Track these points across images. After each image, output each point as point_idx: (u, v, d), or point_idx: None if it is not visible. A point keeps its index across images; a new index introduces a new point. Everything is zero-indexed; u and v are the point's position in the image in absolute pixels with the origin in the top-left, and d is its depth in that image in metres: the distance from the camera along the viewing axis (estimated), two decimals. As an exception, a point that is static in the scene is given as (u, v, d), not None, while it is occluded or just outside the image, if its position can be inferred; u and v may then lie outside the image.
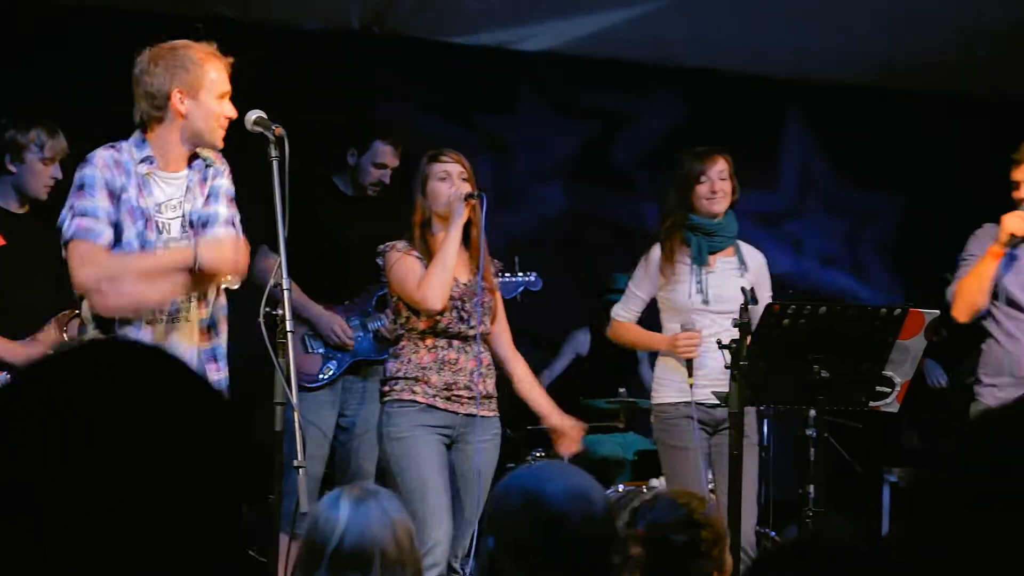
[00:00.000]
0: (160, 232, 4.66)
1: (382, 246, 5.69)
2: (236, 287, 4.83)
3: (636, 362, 8.29)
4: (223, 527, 1.48)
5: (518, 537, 2.87)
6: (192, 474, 1.46)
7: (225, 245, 4.68)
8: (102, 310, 4.58)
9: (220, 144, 4.76)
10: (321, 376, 6.36)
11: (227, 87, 4.73)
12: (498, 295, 5.87)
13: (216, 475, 1.48)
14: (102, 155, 4.63)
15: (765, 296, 6.04)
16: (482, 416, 5.63)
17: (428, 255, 5.58)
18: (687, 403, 5.93)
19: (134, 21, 6.63)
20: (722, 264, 6.10)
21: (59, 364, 1.49)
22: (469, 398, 5.60)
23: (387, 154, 6.54)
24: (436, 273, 5.48)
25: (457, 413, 5.58)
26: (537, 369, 8.47)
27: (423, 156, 5.76)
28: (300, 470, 4.36)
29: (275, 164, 4.68)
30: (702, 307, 5.98)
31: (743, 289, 5.64)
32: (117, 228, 4.60)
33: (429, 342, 5.60)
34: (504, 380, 5.88)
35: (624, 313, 6.18)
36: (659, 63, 8.79)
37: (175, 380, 1.52)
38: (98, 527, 1.39)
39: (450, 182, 5.63)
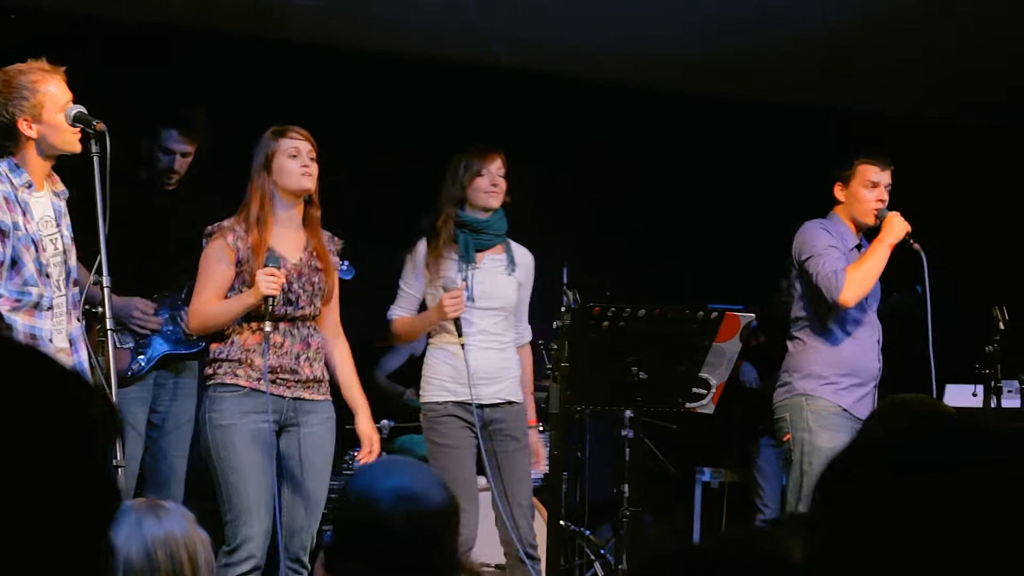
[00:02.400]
0: (44, 250, 4.78)
1: (209, 227, 5.57)
2: None
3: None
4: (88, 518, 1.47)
5: (347, 534, 2.89)
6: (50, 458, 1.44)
7: None
8: None
9: (78, 149, 4.85)
10: (130, 372, 6.23)
11: (68, 95, 4.79)
12: (335, 276, 5.77)
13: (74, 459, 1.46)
14: None
15: (525, 296, 6.09)
16: (310, 400, 5.53)
17: (261, 231, 5.47)
18: (455, 402, 5.88)
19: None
20: (490, 261, 6.04)
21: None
22: (296, 382, 5.48)
23: (174, 140, 6.37)
24: (215, 313, 5.49)
25: (284, 397, 5.45)
26: (370, 365, 8.51)
27: (266, 132, 5.63)
28: (119, 470, 4.32)
29: (96, 160, 4.63)
30: (467, 304, 5.91)
31: (565, 291, 5.70)
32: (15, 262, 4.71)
33: (254, 324, 5.46)
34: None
35: (400, 312, 6.07)
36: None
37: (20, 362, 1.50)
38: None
39: (301, 159, 5.52)
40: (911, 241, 6.14)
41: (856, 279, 6.00)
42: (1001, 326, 6.11)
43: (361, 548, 2.83)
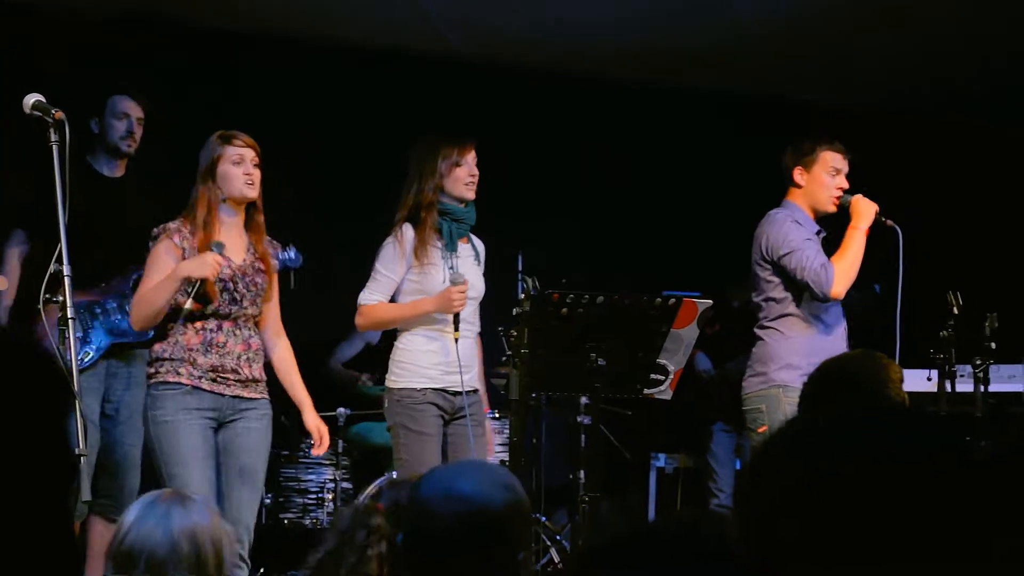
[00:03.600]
0: None
1: (156, 229, 5.62)
2: None
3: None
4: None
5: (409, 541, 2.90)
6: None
7: None
8: None
9: None
10: (79, 362, 6.21)
11: None
12: (274, 277, 5.83)
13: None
14: None
15: (481, 287, 6.07)
16: (249, 398, 5.62)
17: (205, 236, 5.53)
18: (434, 389, 5.88)
19: None
20: (463, 251, 6.06)
21: None
22: (236, 381, 5.59)
23: (126, 103, 6.44)
24: (151, 298, 5.51)
25: (223, 395, 5.56)
26: (326, 354, 8.50)
27: (213, 136, 5.69)
28: (81, 459, 4.30)
29: (55, 149, 4.61)
30: None
31: (524, 278, 5.72)
32: None
33: (198, 324, 5.56)
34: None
35: (374, 297, 5.99)
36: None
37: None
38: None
39: (244, 166, 5.61)
40: (883, 219, 6.15)
41: (843, 271, 6.00)
42: (955, 311, 6.13)
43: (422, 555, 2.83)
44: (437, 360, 5.89)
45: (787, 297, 6.13)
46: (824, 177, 6.20)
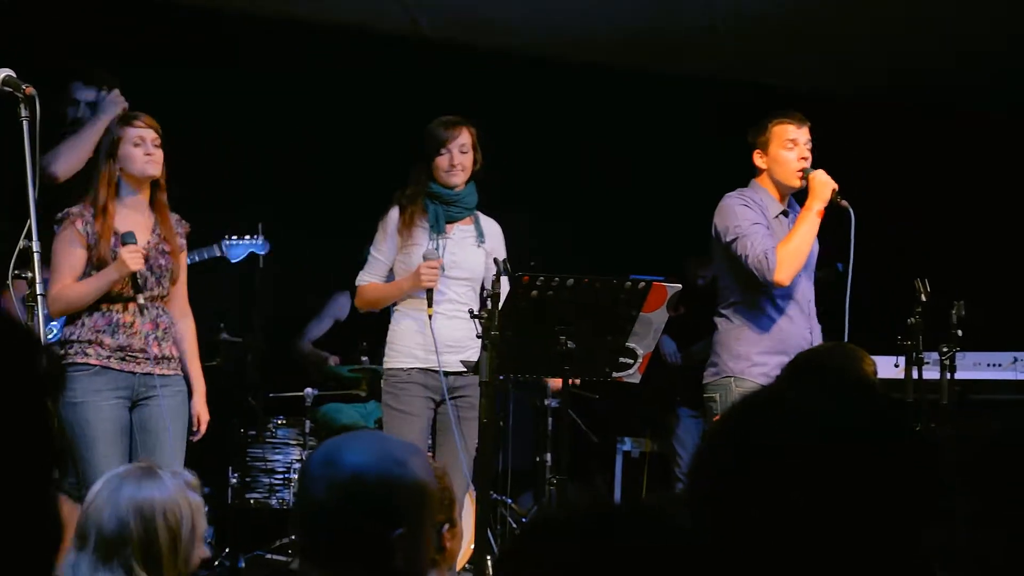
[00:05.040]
0: None
1: (59, 214, 5.64)
2: None
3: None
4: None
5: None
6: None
7: None
8: None
9: None
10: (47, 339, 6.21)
11: None
12: (182, 257, 5.85)
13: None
14: None
15: (474, 267, 6.09)
16: (161, 375, 5.64)
17: (106, 216, 5.58)
18: (419, 369, 5.96)
19: None
20: (460, 232, 6.14)
21: None
22: (146, 359, 5.61)
23: (79, 89, 6.46)
24: (80, 294, 5.54)
25: (134, 373, 5.59)
26: (296, 330, 8.49)
27: (113, 118, 5.79)
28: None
29: (25, 124, 4.59)
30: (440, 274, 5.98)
31: (496, 260, 5.73)
32: None
33: (104, 306, 5.59)
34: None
35: (368, 277, 6.15)
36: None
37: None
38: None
39: (145, 147, 5.64)
40: (839, 199, 6.04)
41: (787, 257, 5.91)
42: (923, 298, 6.14)
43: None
44: (420, 340, 5.97)
45: (738, 285, 6.08)
46: (781, 152, 6.10)
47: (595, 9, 8.25)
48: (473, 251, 6.12)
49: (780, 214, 6.14)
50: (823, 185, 6.02)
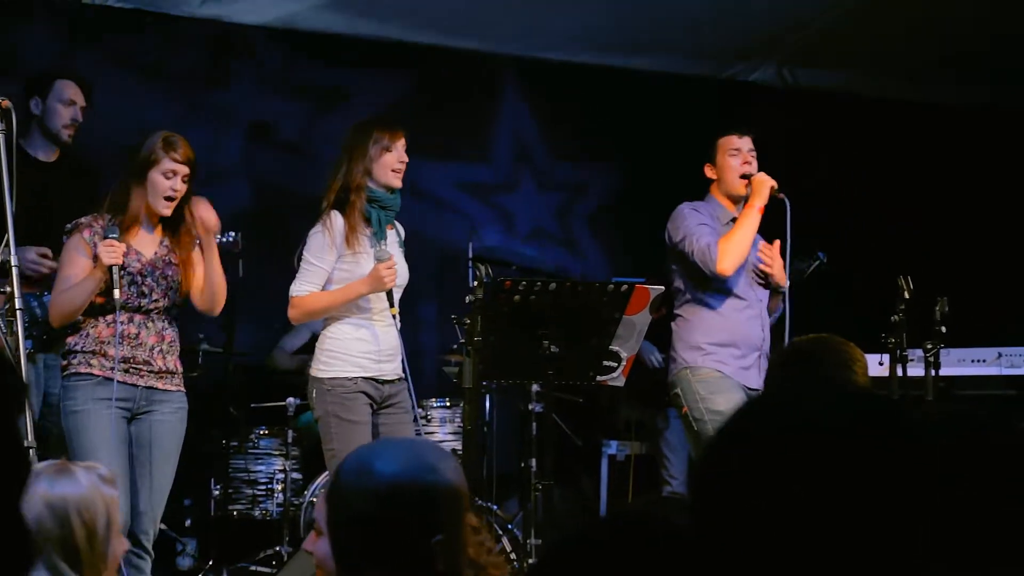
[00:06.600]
0: None
1: (69, 224, 5.59)
2: None
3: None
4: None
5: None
6: None
7: None
8: None
9: None
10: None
11: None
12: (197, 262, 5.73)
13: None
14: None
15: (406, 274, 5.98)
16: (163, 390, 5.61)
17: (124, 235, 5.52)
18: (364, 378, 5.80)
19: None
20: (390, 237, 5.96)
21: None
22: (149, 372, 5.57)
23: (71, 88, 6.40)
24: (69, 298, 5.49)
25: (136, 386, 5.55)
26: (271, 344, 8.43)
27: (156, 137, 5.59)
28: (31, 451, 4.27)
29: (1, 137, 4.55)
30: None
31: (477, 265, 5.69)
32: None
33: (108, 316, 5.53)
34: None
35: (306, 287, 5.84)
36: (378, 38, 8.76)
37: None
38: None
39: (174, 181, 5.55)
40: (777, 194, 6.22)
41: (728, 248, 6.10)
42: (906, 295, 6.19)
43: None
44: (368, 348, 5.81)
45: (688, 283, 6.26)
46: (726, 160, 6.33)
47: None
48: (400, 257, 5.94)
49: (731, 220, 6.31)
50: (761, 183, 6.23)
